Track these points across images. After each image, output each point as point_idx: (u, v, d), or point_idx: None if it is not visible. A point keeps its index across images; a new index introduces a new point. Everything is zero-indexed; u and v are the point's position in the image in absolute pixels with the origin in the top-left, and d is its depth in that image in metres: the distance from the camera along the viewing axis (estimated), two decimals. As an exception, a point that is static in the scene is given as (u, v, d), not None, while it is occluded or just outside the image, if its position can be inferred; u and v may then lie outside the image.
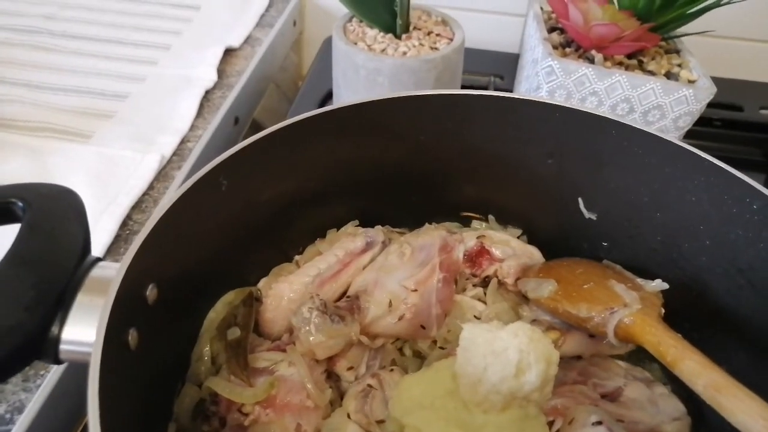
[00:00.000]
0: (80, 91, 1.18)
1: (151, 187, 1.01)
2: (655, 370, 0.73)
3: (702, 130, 1.24)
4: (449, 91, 0.71)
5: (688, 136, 1.05)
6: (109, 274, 0.51)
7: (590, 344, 0.71)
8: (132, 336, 0.51)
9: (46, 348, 0.49)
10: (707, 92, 0.95)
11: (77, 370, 0.74)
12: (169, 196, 0.98)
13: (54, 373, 0.73)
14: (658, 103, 0.97)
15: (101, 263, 0.54)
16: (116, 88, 1.20)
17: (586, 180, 0.75)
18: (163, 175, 1.04)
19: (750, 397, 0.49)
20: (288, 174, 0.70)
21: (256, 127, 1.31)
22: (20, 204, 0.53)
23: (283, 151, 0.67)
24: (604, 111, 0.91)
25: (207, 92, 1.22)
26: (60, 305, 0.49)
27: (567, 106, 0.71)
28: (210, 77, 1.24)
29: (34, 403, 0.70)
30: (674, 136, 1.02)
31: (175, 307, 0.59)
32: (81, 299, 0.50)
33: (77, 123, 1.11)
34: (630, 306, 0.64)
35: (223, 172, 0.61)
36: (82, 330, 0.49)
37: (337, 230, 0.80)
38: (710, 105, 0.98)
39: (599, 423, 0.61)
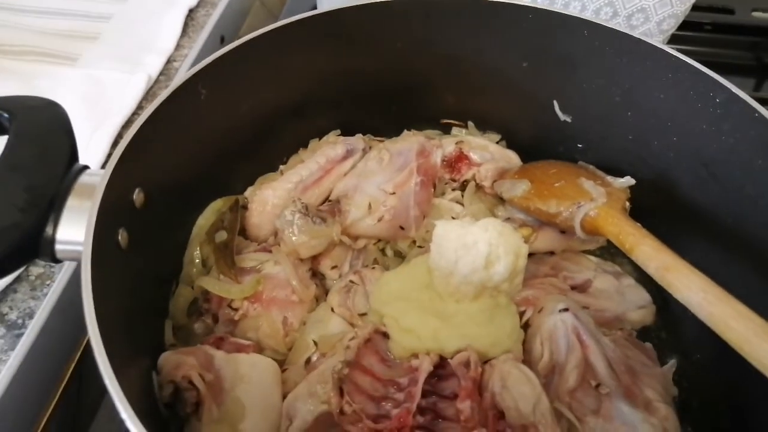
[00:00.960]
0: (64, 13, 1.17)
1: (140, 106, 1.02)
2: (625, 265, 0.77)
3: (691, 35, 1.22)
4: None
5: (677, 41, 1.04)
6: (96, 179, 0.54)
7: (562, 240, 0.75)
8: (122, 236, 0.55)
9: (43, 247, 0.52)
10: (691, -8, 0.94)
11: (80, 279, 0.79)
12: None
13: (58, 283, 0.78)
14: (641, 6, 0.96)
15: (89, 170, 0.57)
16: (99, 9, 1.19)
17: (561, 82, 0.77)
18: (151, 94, 1.05)
19: (694, 274, 0.53)
20: (268, 84, 0.71)
21: (243, 45, 1.31)
22: (6, 115, 0.56)
23: (262, 60, 0.68)
24: (576, 12, 0.91)
25: (191, 11, 1.21)
26: (52, 208, 0.53)
27: (538, 7, 0.71)
28: (193, -5, 1.22)
29: (43, 310, 0.75)
30: (659, 40, 1.02)
31: (164, 212, 0.63)
32: (71, 202, 0.54)
33: (63, 45, 1.11)
34: (596, 200, 0.67)
35: (201, 80, 0.63)
36: (75, 230, 0.53)
37: (319, 140, 0.83)
38: (700, 8, 0.97)
39: (566, 310, 0.66)
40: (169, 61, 1.11)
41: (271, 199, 0.71)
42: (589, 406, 0.61)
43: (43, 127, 0.56)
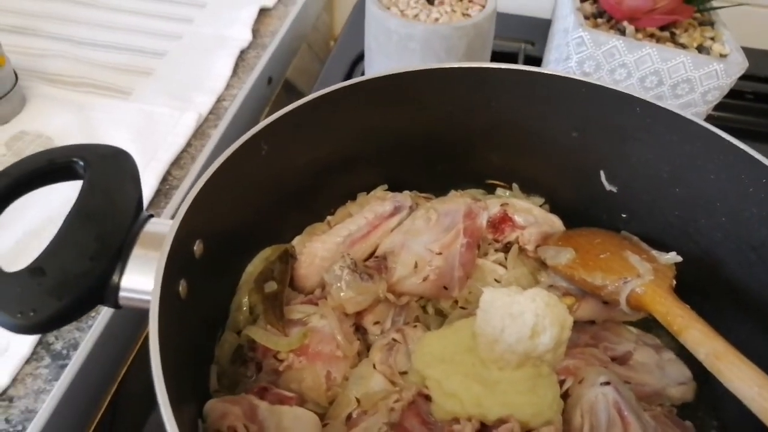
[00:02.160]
0: (120, 47, 1.22)
1: (188, 144, 1.05)
2: (665, 337, 0.77)
3: (732, 102, 1.24)
4: (479, 65, 0.74)
5: (718, 108, 1.06)
6: (162, 229, 0.56)
7: (603, 310, 0.75)
8: (182, 286, 0.57)
9: (108, 294, 0.54)
10: (738, 67, 0.96)
11: (123, 313, 0.81)
12: (206, 154, 1.04)
13: (103, 316, 0.80)
14: (687, 77, 0.98)
15: (153, 219, 0.59)
16: (154, 46, 1.24)
17: (609, 153, 0.78)
18: (200, 132, 1.08)
19: (747, 365, 0.53)
20: (323, 140, 0.73)
21: (289, 86, 1.35)
22: (81, 163, 0.58)
23: (319, 119, 0.70)
24: (629, 86, 0.93)
25: (241, 52, 1.25)
26: (119, 256, 0.55)
27: (593, 82, 0.73)
28: (245, 37, 1.26)
29: (87, 342, 0.77)
30: (702, 110, 1.03)
31: (218, 261, 0.64)
32: (137, 252, 0.56)
33: (118, 79, 1.15)
34: (643, 277, 0.68)
35: (264, 137, 0.65)
36: (139, 279, 0.55)
37: (367, 194, 0.84)
38: (743, 77, 0.98)
39: (607, 383, 0.66)
40: (219, 101, 1.14)
41: (320, 251, 0.73)
42: (629, 485, 0.60)
43: (115, 177, 0.58)
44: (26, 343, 0.76)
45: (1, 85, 1.01)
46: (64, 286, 0.50)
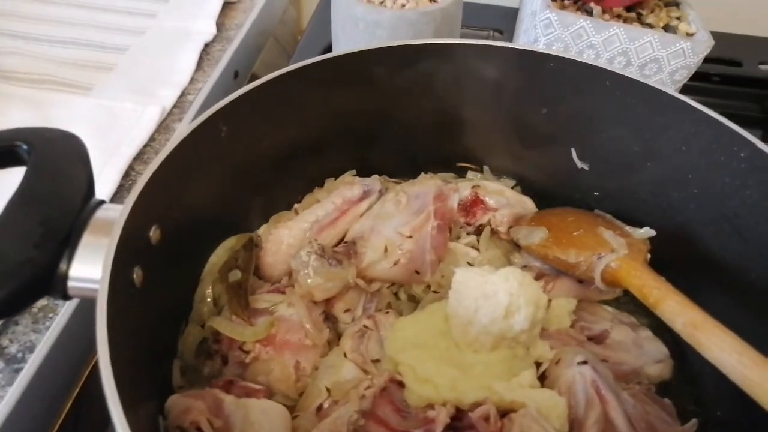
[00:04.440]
0: (79, 43, 1.18)
1: (152, 138, 1.02)
2: (640, 316, 0.76)
3: (700, 85, 1.24)
4: (444, 41, 0.72)
5: (686, 91, 1.05)
6: (113, 215, 0.53)
7: (579, 289, 0.73)
8: (137, 274, 0.54)
9: (54, 284, 0.51)
10: (705, 45, 0.96)
11: (84, 312, 0.78)
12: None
13: (62, 315, 0.76)
14: (655, 57, 0.98)
15: (105, 205, 0.56)
16: (116, 41, 1.20)
17: (579, 130, 0.77)
18: (164, 127, 1.05)
19: (725, 333, 0.52)
20: (286, 122, 0.71)
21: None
22: (25, 147, 0.55)
23: (282, 99, 0.68)
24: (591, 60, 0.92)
25: (206, 45, 1.21)
26: (67, 243, 0.51)
27: (561, 55, 0.72)
28: (209, 30, 1.23)
29: (44, 344, 0.73)
30: (671, 90, 1.03)
31: (178, 248, 0.61)
32: (87, 238, 0.52)
33: (77, 75, 1.11)
34: (617, 251, 0.66)
35: (222, 117, 0.62)
36: (89, 267, 0.51)
37: (335, 179, 0.82)
38: (709, 60, 0.98)
39: (584, 362, 0.64)
40: (183, 95, 1.11)
41: (286, 238, 0.70)
42: (610, 464, 0.59)
43: (62, 160, 0.55)
44: (-22, 346, 0.72)
45: (-48, 82, 0.96)
46: (4, 274, 0.47)
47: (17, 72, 1.09)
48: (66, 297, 0.52)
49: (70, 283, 0.51)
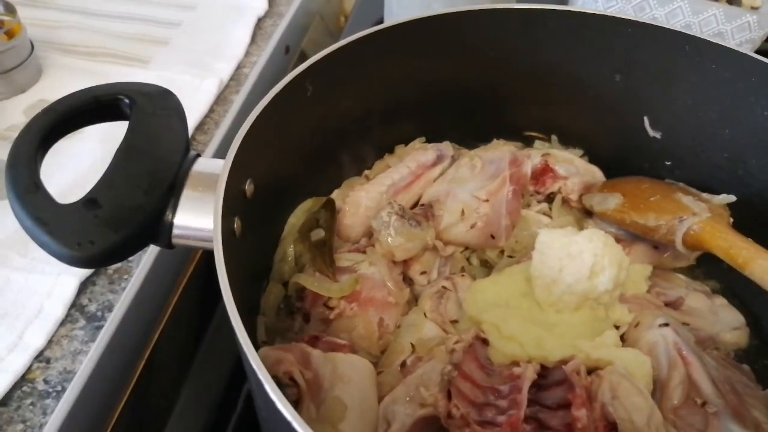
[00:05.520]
0: (135, 18, 1.20)
1: (211, 110, 1.03)
2: (713, 284, 0.76)
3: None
4: (525, 5, 0.72)
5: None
6: (214, 168, 0.54)
7: (654, 256, 0.73)
8: (237, 224, 0.55)
9: (161, 231, 0.52)
10: (771, 19, 0.94)
11: (155, 276, 0.79)
12: (230, 119, 1.01)
13: (137, 277, 0.78)
14: (719, 30, 0.97)
15: (201, 159, 0.57)
16: (169, 16, 1.21)
17: (654, 97, 0.76)
18: (221, 99, 1.06)
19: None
20: (365, 85, 0.71)
21: (304, 58, 1.32)
22: (127, 101, 0.56)
23: (366, 60, 0.68)
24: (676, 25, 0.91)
25: (258, 20, 1.22)
26: (171, 193, 0.53)
27: (640, 20, 0.71)
28: (261, 5, 1.24)
29: (122, 303, 0.75)
30: (755, 54, 1.01)
31: (265, 205, 0.62)
32: (189, 190, 0.54)
33: (135, 49, 1.13)
34: (699, 214, 0.66)
35: (310, 76, 0.63)
36: (192, 217, 0.53)
37: (405, 146, 0.82)
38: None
39: (666, 324, 0.64)
40: (239, 67, 1.12)
41: (364, 201, 0.71)
42: (695, 425, 0.58)
43: (161, 114, 0.56)
44: (60, 305, 0.73)
45: (17, 53, 0.98)
46: (120, 218, 0.48)
47: (77, 45, 1.11)
48: (170, 245, 0.54)
49: (175, 231, 0.53)
